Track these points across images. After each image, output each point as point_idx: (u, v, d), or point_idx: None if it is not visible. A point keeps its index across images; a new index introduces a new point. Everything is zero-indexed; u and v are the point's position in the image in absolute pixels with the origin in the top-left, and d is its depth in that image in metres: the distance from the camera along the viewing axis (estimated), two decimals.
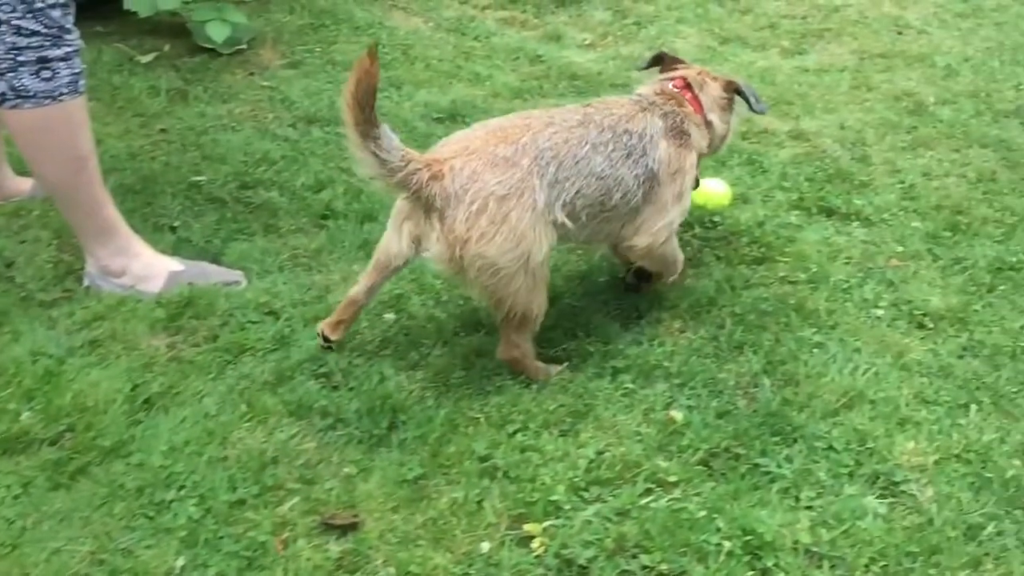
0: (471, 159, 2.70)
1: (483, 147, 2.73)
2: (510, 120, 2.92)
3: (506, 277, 2.70)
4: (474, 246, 2.63)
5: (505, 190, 2.65)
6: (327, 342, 2.99)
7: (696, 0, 6.24)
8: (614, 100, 3.08)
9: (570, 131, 2.84)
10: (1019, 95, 4.82)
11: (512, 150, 2.72)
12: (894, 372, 2.95)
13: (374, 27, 5.53)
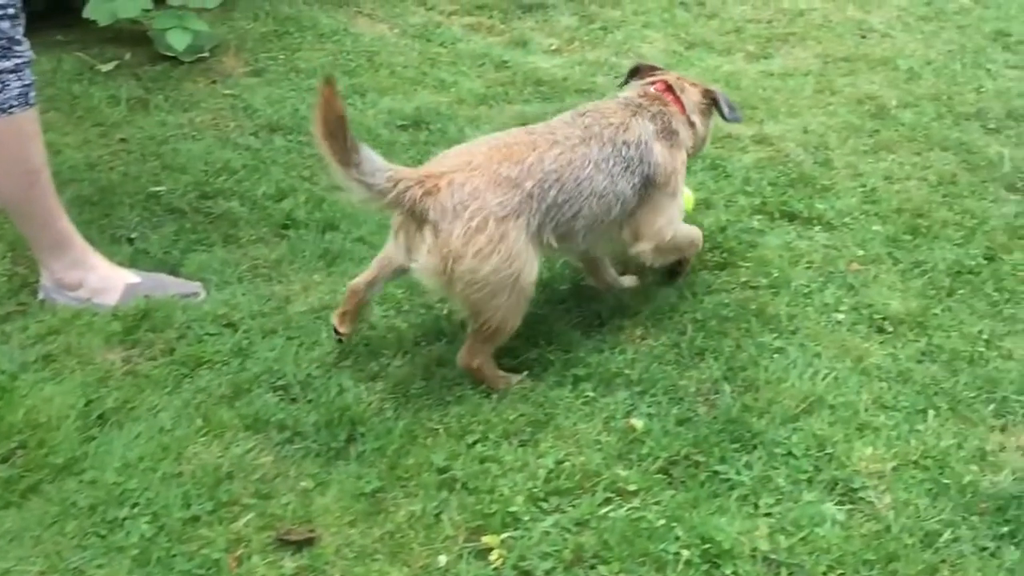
0: (473, 175, 2.68)
1: (486, 164, 2.72)
2: (514, 136, 2.90)
3: (493, 294, 2.71)
4: (468, 262, 2.63)
5: (505, 211, 2.66)
6: (337, 334, 2.99)
7: (662, 5, 6.25)
8: (606, 106, 3.07)
9: (574, 150, 2.84)
10: (980, 98, 4.86)
11: (517, 170, 2.72)
12: (854, 377, 2.96)
13: (339, 34, 5.49)
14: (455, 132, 4.40)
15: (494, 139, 2.90)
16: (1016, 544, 2.40)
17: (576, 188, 2.81)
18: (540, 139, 2.85)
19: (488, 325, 2.79)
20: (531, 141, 2.84)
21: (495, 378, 2.90)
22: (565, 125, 2.96)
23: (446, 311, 3.22)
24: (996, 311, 3.26)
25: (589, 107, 3.09)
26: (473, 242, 2.62)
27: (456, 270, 2.65)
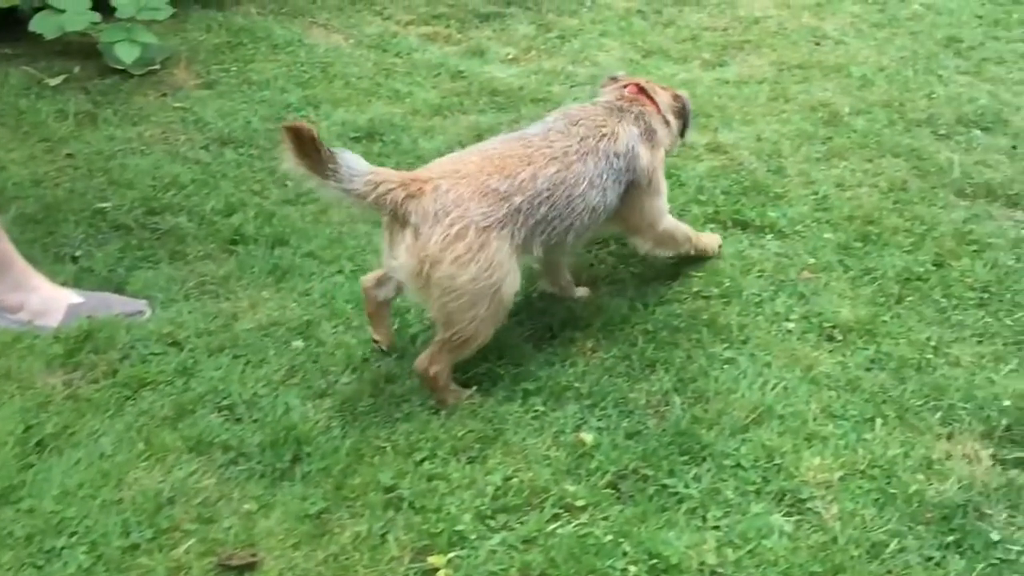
0: (459, 183, 2.69)
1: (475, 174, 2.73)
2: (509, 147, 2.87)
3: (469, 303, 2.70)
4: (445, 267, 2.63)
5: (488, 222, 2.67)
6: (375, 342, 3.01)
7: (619, 13, 6.26)
8: (595, 112, 3.08)
9: (570, 168, 2.86)
10: (931, 104, 4.90)
11: (507, 184, 2.72)
12: (803, 386, 2.96)
13: (293, 45, 5.44)
14: (409, 143, 4.38)
15: (489, 149, 2.89)
16: (961, 554, 2.41)
17: (567, 205, 2.84)
18: (536, 154, 2.84)
19: (458, 336, 2.77)
20: (527, 155, 2.83)
21: (447, 390, 2.87)
22: (561, 136, 2.94)
23: (396, 326, 3.19)
24: (944, 317, 3.28)
25: (579, 113, 3.07)
26: (451, 248, 2.62)
27: (433, 275, 2.65)
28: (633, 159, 3.04)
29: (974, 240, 3.70)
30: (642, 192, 3.12)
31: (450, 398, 2.88)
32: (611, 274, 3.52)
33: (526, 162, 2.81)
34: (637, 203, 3.13)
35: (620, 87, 3.24)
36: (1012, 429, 2.78)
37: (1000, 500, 2.55)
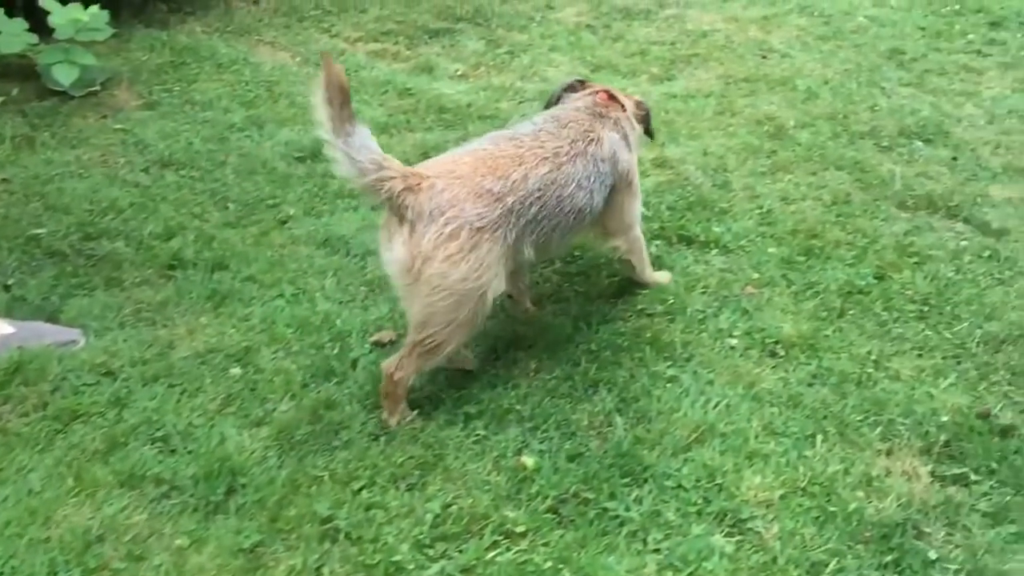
0: (455, 183, 2.71)
1: (470, 175, 2.74)
2: (501, 148, 2.88)
3: (455, 304, 2.69)
4: (437, 266, 2.65)
5: (483, 223, 2.69)
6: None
7: (569, 28, 6.27)
8: (580, 116, 3.11)
9: (560, 169, 2.90)
10: (874, 116, 4.95)
11: (500, 185, 2.75)
12: (745, 403, 2.96)
13: (238, 63, 5.39)
14: None
15: (481, 150, 2.89)
16: (899, 573, 2.41)
17: (557, 206, 2.88)
18: (528, 154, 2.87)
19: (431, 340, 2.75)
20: (518, 155, 2.86)
21: (397, 405, 2.84)
22: (552, 137, 2.97)
23: (337, 349, 3.14)
24: (885, 331, 3.30)
25: (567, 116, 3.10)
26: (444, 247, 2.64)
27: (424, 272, 2.65)
28: (616, 163, 3.10)
29: (915, 252, 3.73)
30: (622, 195, 3.19)
31: (395, 418, 2.84)
32: (556, 292, 3.50)
33: (518, 162, 2.83)
34: (617, 205, 3.19)
35: (591, 93, 3.27)
36: (950, 445, 2.79)
37: (938, 518, 2.55)
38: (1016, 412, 2.93)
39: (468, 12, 6.46)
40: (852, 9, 6.63)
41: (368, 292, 3.47)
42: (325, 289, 3.47)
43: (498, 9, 6.53)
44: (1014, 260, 3.69)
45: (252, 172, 4.24)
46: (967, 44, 6.01)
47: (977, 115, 5.00)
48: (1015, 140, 4.71)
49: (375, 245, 3.67)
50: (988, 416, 2.89)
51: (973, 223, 3.96)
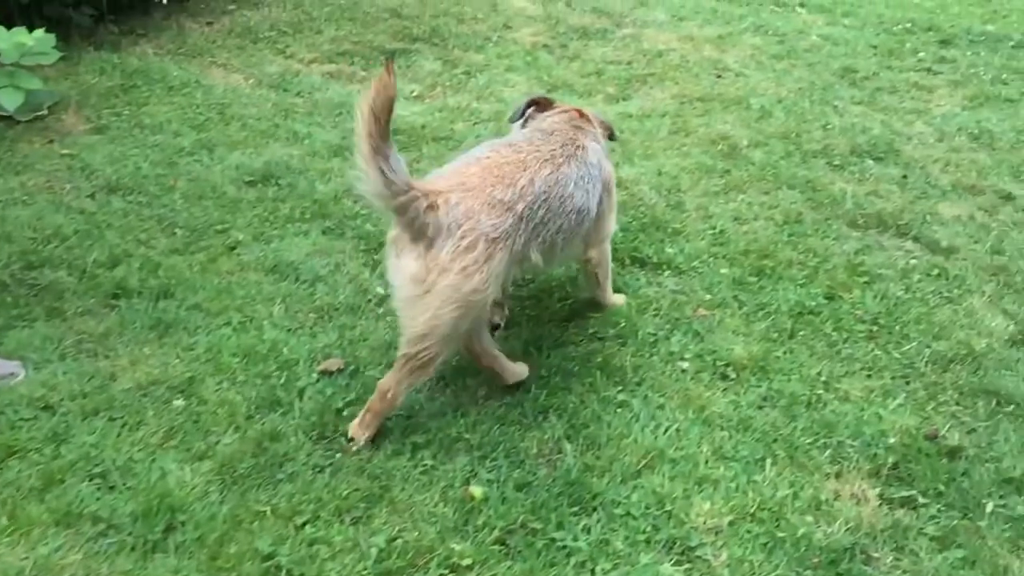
0: (467, 196, 2.73)
1: (481, 185, 2.78)
2: (503, 155, 2.92)
3: (462, 314, 2.71)
4: (452, 278, 2.67)
5: (497, 233, 2.73)
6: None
7: (526, 48, 6.28)
8: (563, 128, 3.17)
9: (560, 170, 2.96)
10: (826, 135, 4.99)
11: (510, 193, 2.79)
12: (695, 428, 2.95)
13: (189, 86, 5.32)
14: (305, 187, 4.29)
15: (484, 159, 2.91)
16: None
17: (560, 206, 2.93)
18: (529, 158, 2.93)
19: (428, 352, 2.76)
20: (521, 160, 2.91)
21: (376, 420, 2.84)
22: (545, 142, 3.04)
23: (283, 379, 3.09)
24: (835, 352, 3.30)
25: (551, 126, 3.16)
26: (460, 260, 2.67)
27: (438, 283, 2.67)
28: (601, 168, 3.19)
29: (865, 271, 3.75)
30: (604, 204, 3.24)
31: (367, 433, 2.83)
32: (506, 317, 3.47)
33: (522, 167, 2.88)
34: (600, 215, 3.23)
35: (565, 111, 3.32)
36: (898, 467, 2.80)
37: (886, 542, 2.55)
38: (963, 433, 2.94)
39: (425, 32, 6.45)
40: (806, 28, 6.71)
41: (317, 319, 3.42)
42: (273, 316, 3.41)
43: (455, 29, 6.53)
44: (962, 278, 3.72)
45: (201, 197, 4.17)
46: (918, 62, 6.09)
47: (927, 133, 5.06)
48: (964, 157, 4.76)
49: (325, 270, 3.67)
50: (936, 437, 2.89)
51: (922, 241, 4.00)
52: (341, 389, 3.06)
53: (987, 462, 2.83)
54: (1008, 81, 5.78)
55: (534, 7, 7.10)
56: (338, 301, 3.50)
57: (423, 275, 2.68)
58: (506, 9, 7.02)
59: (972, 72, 5.92)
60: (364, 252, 3.83)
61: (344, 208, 4.12)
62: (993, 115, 5.28)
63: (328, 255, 3.79)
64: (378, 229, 3.95)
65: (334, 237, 3.92)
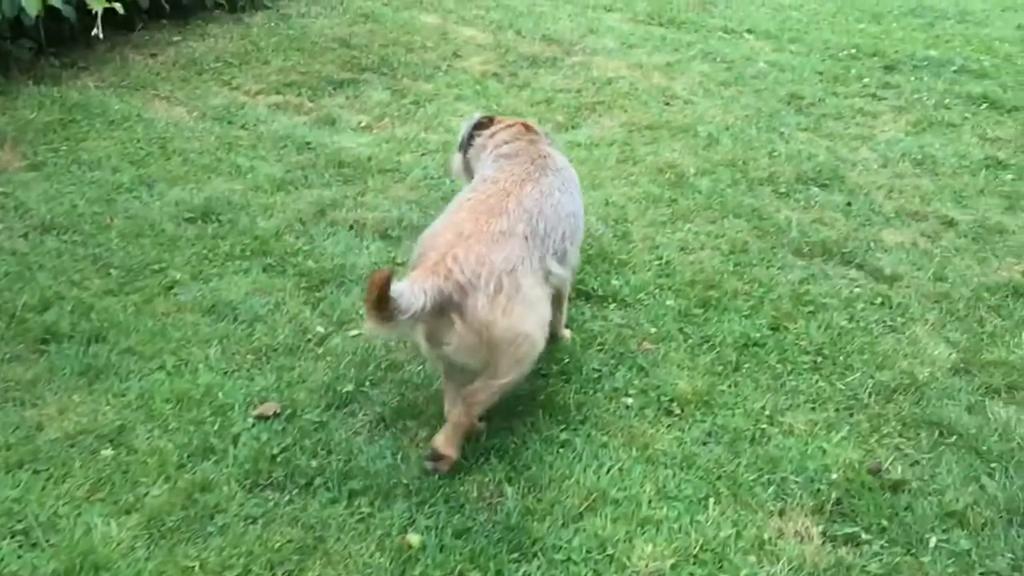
0: (471, 243, 2.73)
1: (475, 227, 2.78)
2: (483, 190, 2.95)
3: (533, 342, 2.78)
4: (501, 323, 2.68)
5: (511, 264, 2.74)
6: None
7: (475, 76, 6.26)
8: (521, 144, 3.25)
9: (539, 183, 3.02)
10: (772, 162, 5.01)
11: (505, 222, 2.82)
12: (639, 466, 2.90)
13: (130, 120, 5.23)
14: (246, 223, 4.21)
15: (467, 201, 2.94)
16: None
17: (555, 214, 2.99)
18: (507, 184, 2.97)
19: (512, 382, 2.82)
20: (502, 189, 2.95)
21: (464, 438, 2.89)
22: (514, 164, 3.09)
23: (217, 425, 3.00)
24: (779, 384, 3.28)
25: (511, 149, 3.21)
26: (495, 304, 2.67)
27: (493, 336, 2.68)
28: (569, 170, 3.25)
29: (809, 301, 3.75)
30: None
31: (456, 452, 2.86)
32: None
33: (505, 194, 2.92)
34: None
35: (509, 126, 3.38)
36: (842, 502, 2.77)
37: None
38: (907, 465, 2.92)
39: (374, 62, 6.41)
40: (753, 55, 6.76)
41: (254, 360, 3.34)
42: (209, 359, 3.33)
43: (404, 59, 6.50)
44: (905, 307, 3.73)
45: (138, 235, 4.08)
46: (863, 88, 6.16)
47: (871, 159, 5.10)
48: (907, 183, 4.80)
49: (264, 310, 3.59)
50: (879, 471, 2.87)
51: (866, 269, 4.00)
52: (277, 434, 2.98)
53: (930, 495, 2.81)
54: (950, 106, 5.86)
55: (484, 35, 7.09)
56: (277, 341, 3.43)
57: (475, 340, 2.68)
58: (456, 38, 7.01)
59: (916, 97, 5.99)
60: (305, 290, 3.75)
61: (285, 244, 4.05)
62: (936, 140, 5.34)
63: (268, 293, 3.72)
64: (319, 265, 3.89)
65: (275, 275, 3.84)
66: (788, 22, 7.63)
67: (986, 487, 2.84)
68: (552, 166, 3.16)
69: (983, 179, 4.86)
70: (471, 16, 7.55)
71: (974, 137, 5.40)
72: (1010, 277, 3.93)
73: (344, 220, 4.29)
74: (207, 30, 6.85)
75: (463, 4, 7.89)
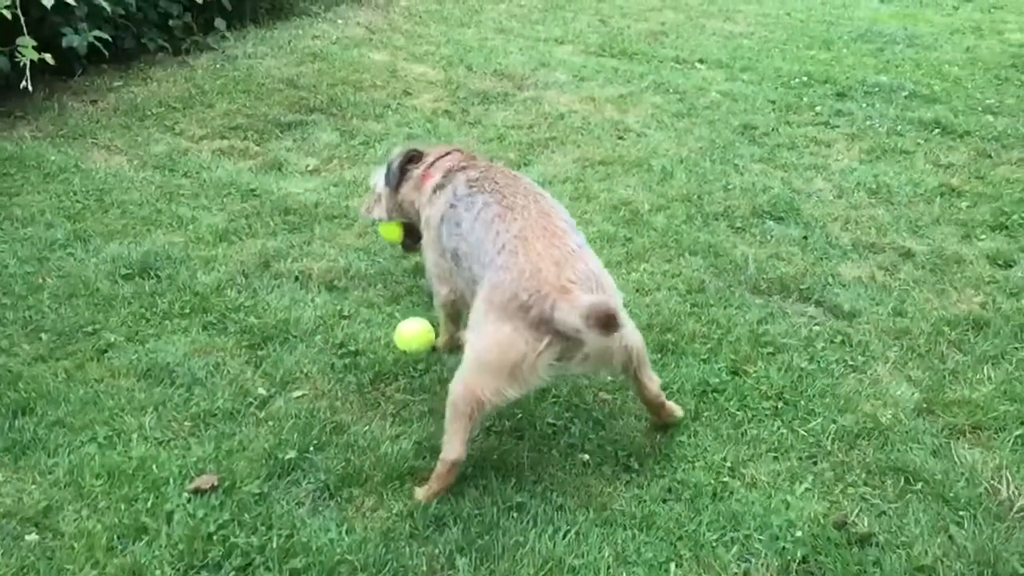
0: (574, 264, 2.75)
1: (562, 253, 2.77)
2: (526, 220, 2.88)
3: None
4: (628, 326, 2.86)
5: (597, 266, 2.85)
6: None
7: (425, 115, 6.16)
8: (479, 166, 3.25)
9: (547, 197, 3.08)
10: (727, 196, 4.94)
11: (571, 239, 2.87)
12: (596, 529, 2.77)
13: (67, 171, 5.06)
14: (186, 278, 4.05)
15: (518, 238, 2.83)
16: None
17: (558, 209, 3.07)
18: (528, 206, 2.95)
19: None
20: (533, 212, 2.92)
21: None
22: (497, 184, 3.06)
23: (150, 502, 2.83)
24: (740, 433, 3.17)
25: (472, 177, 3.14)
26: (614, 300, 2.75)
27: (628, 341, 2.84)
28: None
29: (769, 342, 3.65)
30: None
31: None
32: (398, 412, 3.27)
33: (543, 214, 2.93)
34: None
35: (444, 156, 3.36)
36: (808, 560, 2.66)
37: None
38: (873, 516, 2.82)
39: (322, 102, 6.29)
40: (706, 85, 6.73)
41: (192, 428, 3.18)
42: (144, 428, 3.16)
43: (353, 98, 6.39)
44: (865, 344, 3.65)
45: (72, 295, 3.90)
46: (815, 116, 6.14)
47: (826, 189, 5.05)
48: (863, 214, 4.75)
49: (203, 372, 3.43)
50: (845, 524, 2.77)
51: (825, 306, 3.93)
52: (214, 510, 2.81)
53: (898, 548, 2.71)
54: (903, 132, 5.84)
55: (434, 72, 7.01)
56: (216, 406, 3.26)
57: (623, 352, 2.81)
58: (406, 75, 6.91)
59: (868, 124, 5.98)
60: (247, 348, 3.59)
61: (227, 300, 3.89)
62: (890, 168, 5.31)
63: (208, 353, 3.55)
64: (262, 321, 3.74)
65: (215, 333, 3.68)
66: (739, 51, 7.62)
67: (955, 537, 2.74)
68: (514, 175, 3.20)
69: (938, 207, 4.82)
70: (421, 52, 7.47)
71: (927, 164, 5.38)
72: (969, 310, 3.87)
73: (289, 271, 4.14)
74: (150, 74, 6.69)
75: (413, 40, 7.81)
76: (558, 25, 8.43)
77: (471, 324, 2.86)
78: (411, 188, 3.41)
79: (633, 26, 8.45)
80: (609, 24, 8.52)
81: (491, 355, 2.71)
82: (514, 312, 2.68)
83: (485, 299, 2.78)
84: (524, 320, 2.66)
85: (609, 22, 8.60)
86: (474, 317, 2.84)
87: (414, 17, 8.60)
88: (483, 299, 2.79)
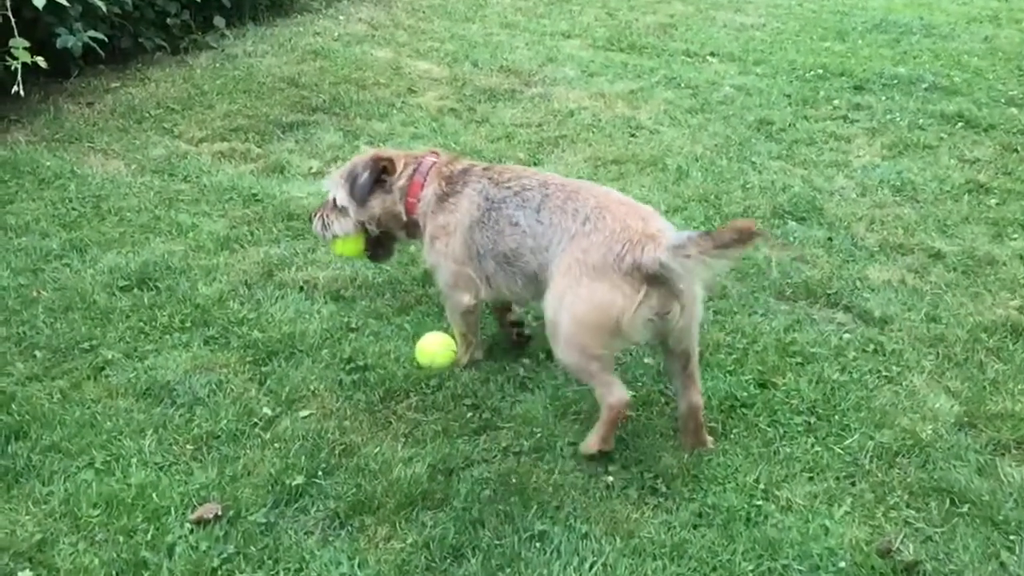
0: (652, 220, 2.89)
1: (649, 215, 2.93)
2: (596, 196, 2.96)
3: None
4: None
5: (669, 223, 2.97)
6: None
7: (431, 114, 5.98)
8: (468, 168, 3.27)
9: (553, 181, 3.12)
10: (746, 195, 4.76)
11: (641, 206, 3.00)
12: (624, 560, 2.61)
13: (63, 177, 4.89)
14: (186, 289, 3.88)
15: (602, 206, 2.92)
16: None
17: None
18: (592, 187, 3.08)
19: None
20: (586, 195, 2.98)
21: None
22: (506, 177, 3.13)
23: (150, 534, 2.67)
24: (772, 452, 3.01)
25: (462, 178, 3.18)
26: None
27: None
28: None
29: (797, 351, 3.48)
30: None
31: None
32: (410, 432, 3.11)
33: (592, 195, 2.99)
34: None
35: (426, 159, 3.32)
36: None
37: None
38: (918, 542, 2.65)
39: (324, 102, 6.12)
40: (718, 79, 6.55)
41: (194, 451, 3.01)
42: (143, 452, 2.99)
43: (357, 97, 6.21)
44: (899, 353, 3.47)
45: (68, 309, 3.74)
46: (833, 110, 5.95)
47: (849, 187, 4.87)
48: (888, 213, 4.57)
49: (205, 390, 3.27)
50: (889, 552, 2.60)
51: (854, 311, 3.75)
52: (218, 541, 2.65)
53: None
54: (925, 126, 5.66)
55: (439, 69, 6.83)
56: (219, 427, 3.10)
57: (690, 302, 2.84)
58: (410, 72, 6.73)
59: (888, 118, 5.79)
60: (251, 364, 3.43)
61: (229, 312, 3.72)
62: (914, 164, 5.13)
63: (210, 370, 3.39)
64: (266, 335, 3.57)
65: (217, 348, 3.52)
66: (752, 43, 7.43)
67: (1007, 564, 2.57)
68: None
69: (966, 205, 4.64)
70: (425, 49, 7.29)
71: (952, 159, 5.20)
72: (1007, 315, 3.70)
73: (293, 281, 3.98)
74: (147, 74, 6.51)
75: (417, 37, 7.63)
76: (564, 18, 8.24)
77: (556, 293, 2.89)
78: (394, 199, 3.26)
79: (641, 19, 8.26)
80: (616, 17, 8.33)
81: (592, 316, 2.79)
82: (608, 267, 2.76)
83: (576, 263, 2.84)
84: (619, 272, 2.74)
85: (616, 15, 8.41)
86: (562, 284, 2.87)
87: (417, 12, 8.41)
88: (572, 264, 2.85)
